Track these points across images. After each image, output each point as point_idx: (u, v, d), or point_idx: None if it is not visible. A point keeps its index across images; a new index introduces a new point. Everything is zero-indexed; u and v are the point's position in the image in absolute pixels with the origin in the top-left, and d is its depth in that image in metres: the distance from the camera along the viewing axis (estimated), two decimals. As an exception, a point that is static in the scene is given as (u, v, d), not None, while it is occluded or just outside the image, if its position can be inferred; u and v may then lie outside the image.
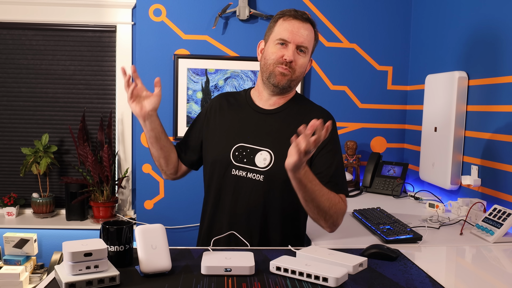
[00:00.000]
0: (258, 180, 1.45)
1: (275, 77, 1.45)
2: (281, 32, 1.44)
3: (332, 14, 2.65)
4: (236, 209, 1.47)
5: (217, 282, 1.11)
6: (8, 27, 2.80)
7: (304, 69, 1.49)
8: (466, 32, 2.10)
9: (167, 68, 2.62)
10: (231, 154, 1.47)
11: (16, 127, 2.88)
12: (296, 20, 1.45)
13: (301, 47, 1.44)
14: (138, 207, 2.69)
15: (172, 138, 2.65)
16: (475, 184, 1.95)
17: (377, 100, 2.72)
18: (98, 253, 1.05)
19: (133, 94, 1.42)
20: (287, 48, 1.43)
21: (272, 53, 1.45)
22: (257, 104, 1.54)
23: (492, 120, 1.89)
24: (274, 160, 1.45)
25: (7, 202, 2.82)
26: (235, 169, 1.47)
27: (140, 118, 1.46)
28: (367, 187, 2.48)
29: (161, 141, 1.51)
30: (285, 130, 1.46)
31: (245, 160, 1.46)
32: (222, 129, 1.53)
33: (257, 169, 1.45)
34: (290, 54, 1.42)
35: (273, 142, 1.46)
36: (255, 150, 1.46)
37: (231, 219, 1.47)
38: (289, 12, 1.46)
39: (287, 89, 1.49)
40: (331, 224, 1.40)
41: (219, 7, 2.58)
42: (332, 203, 1.37)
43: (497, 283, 1.23)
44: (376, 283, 1.13)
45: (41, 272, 2.67)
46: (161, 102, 2.60)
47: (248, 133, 1.49)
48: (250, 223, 1.46)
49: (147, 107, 1.45)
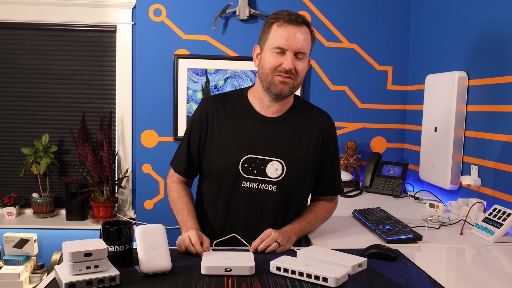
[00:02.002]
0: (271, 190, 1.44)
1: (276, 86, 1.41)
2: (277, 39, 1.38)
3: (332, 14, 2.65)
4: (249, 220, 1.46)
5: (217, 282, 1.11)
6: (8, 27, 2.80)
7: (305, 72, 1.46)
8: (466, 32, 2.10)
9: (167, 68, 2.62)
10: (240, 167, 1.44)
11: (16, 127, 2.88)
12: (291, 25, 1.38)
13: (300, 53, 1.39)
14: (138, 207, 2.69)
15: (172, 138, 2.65)
16: (475, 184, 1.95)
17: (377, 100, 2.72)
18: (98, 253, 1.05)
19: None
20: (285, 56, 1.38)
21: (270, 62, 1.40)
22: (259, 112, 1.49)
23: (492, 120, 1.89)
24: (286, 170, 1.44)
25: (7, 202, 2.82)
26: (245, 181, 1.44)
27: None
28: (367, 187, 2.48)
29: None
30: (292, 139, 1.47)
31: (256, 172, 1.43)
32: (225, 139, 1.47)
33: (270, 180, 1.44)
34: (289, 62, 1.37)
35: (283, 152, 1.45)
36: (265, 161, 1.44)
37: (244, 230, 1.45)
38: (282, 17, 1.39)
39: (289, 95, 1.48)
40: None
41: (219, 7, 2.58)
42: (322, 219, 1.56)
43: (497, 283, 1.23)
44: (376, 283, 1.13)
45: (41, 272, 2.67)
46: (161, 102, 2.63)
47: (256, 144, 1.45)
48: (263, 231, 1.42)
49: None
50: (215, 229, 1.49)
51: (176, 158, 1.57)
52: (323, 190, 1.58)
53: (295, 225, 1.45)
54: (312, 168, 1.50)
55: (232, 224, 1.47)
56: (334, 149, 1.55)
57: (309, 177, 1.51)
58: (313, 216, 1.51)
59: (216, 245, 1.40)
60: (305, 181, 1.50)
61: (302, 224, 1.47)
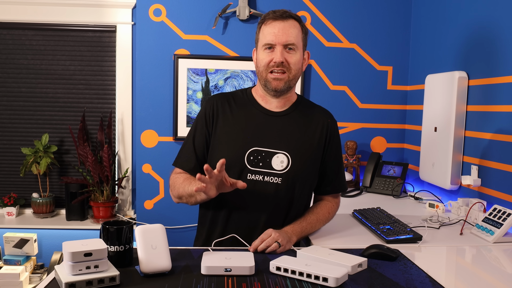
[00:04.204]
0: (277, 183, 1.45)
1: (271, 83, 1.45)
2: (265, 36, 1.44)
3: (332, 14, 2.65)
4: (255, 213, 1.46)
5: (217, 282, 1.11)
6: (8, 27, 2.80)
7: (299, 65, 1.47)
8: (466, 32, 2.10)
9: (167, 68, 2.62)
10: (246, 159, 1.45)
11: (16, 127, 2.88)
12: (277, 21, 1.42)
13: (289, 45, 1.43)
14: (138, 207, 2.69)
15: (172, 138, 2.65)
16: (475, 184, 1.95)
17: (377, 100, 2.72)
18: (98, 253, 1.05)
19: (214, 181, 1.28)
20: (275, 51, 1.43)
21: (262, 60, 1.45)
22: (263, 106, 1.52)
23: (492, 120, 1.89)
24: (292, 163, 1.45)
25: (7, 202, 2.82)
26: (251, 173, 1.45)
27: (209, 196, 1.32)
28: (367, 187, 2.48)
29: (206, 200, 1.42)
30: (297, 132, 1.50)
31: (261, 164, 1.45)
32: (230, 132, 1.49)
33: (275, 172, 1.45)
34: (278, 55, 1.41)
35: (288, 145, 1.47)
36: (271, 154, 1.46)
37: (250, 223, 1.46)
38: (268, 16, 1.45)
39: (288, 89, 1.49)
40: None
41: (219, 7, 2.58)
42: (324, 220, 1.56)
43: (497, 283, 1.23)
44: (376, 283, 1.13)
45: (41, 272, 2.67)
46: (161, 102, 2.63)
47: (262, 137, 1.47)
48: (269, 225, 1.44)
49: (220, 190, 1.33)
50: (220, 223, 1.49)
51: (181, 157, 1.55)
52: (326, 188, 1.59)
53: (296, 225, 1.46)
54: (316, 163, 1.52)
55: (237, 217, 1.47)
56: (337, 146, 1.58)
57: (314, 171, 1.52)
58: (314, 217, 1.52)
59: (216, 245, 1.40)
60: (310, 175, 1.52)
61: (303, 225, 1.47)
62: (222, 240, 1.44)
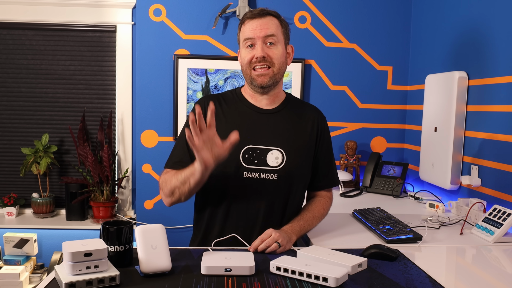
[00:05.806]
0: (272, 179, 1.46)
1: (256, 80, 1.46)
2: (245, 34, 1.46)
3: (332, 14, 2.65)
4: (252, 210, 1.46)
5: (217, 282, 1.11)
6: (8, 27, 2.80)
7: (283, 59, 1.47)
8: (466, 32, 2.10)
9: (167, 68, 2.62)
10: (241, 157, 1.45)
11: (16, 127, 2.88)
12: (254, 19, 1.45)
13: (267, 37, 1.44)
14: (138, 207, 2.69)
15: (172, 138, 2.65)
16: (475, 184, 1.95)
17: (377, 100, 2.72)
18: (98, 253, 1.05)
19: (206, 138, 1.23)
20: (256, 47, 1.44)
21: (244, 58, 1.47)
22: (254, 104, 1.53)
23: (492, 120, 1.89)
24: (286, 158, 1.46)
25: (7, 202, 2.82)
26: (246, 171, 1.45)
27: (203, 165, 1.26)
28: (367, 187, 2.48)
29: (199, 186, 1.38)
30: (290, 129, 1.52)
31: (256, 162, 1.45)
32: (223, 132, 1.45)
33: (270, 169, 1.46)
34: (259, 50, 1.43)
35: (281, 141, 1.48)
36: (265, 150, 1.47)
37: (247, 221, 1.46)
38: (246, 15, 1.48)
39: (274, 85, 1.49)
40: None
41: (219, 7, 2.58)
42: (320, 217, 1.56)
43: (497, 283, 1.23)
44: (376, 283, 1.13)
45: (41, 272, 2.67)
46: (161, 102, 2.63)
47: (255, 134, 1.48)
48: (268, 222, 1.45)
49: (218, 156, 1.27)
50: (218, 221, 1.49)
51: (173, 158, 1.51)
52: (319, 183, 1.60)
53: (295, 224, 1.46)
54: (309, 158, 1.54)
55: (235, 215, 1.47)
56: (328, 141, 1.61)
57: (307, 167, 1.54)
58: (310, 214, 1.52)
59: (216, 245, 1.40)
60: (304, 170, 1.53)
61: (301, 223, 1.48)
62: (221, 240, 1.44)
